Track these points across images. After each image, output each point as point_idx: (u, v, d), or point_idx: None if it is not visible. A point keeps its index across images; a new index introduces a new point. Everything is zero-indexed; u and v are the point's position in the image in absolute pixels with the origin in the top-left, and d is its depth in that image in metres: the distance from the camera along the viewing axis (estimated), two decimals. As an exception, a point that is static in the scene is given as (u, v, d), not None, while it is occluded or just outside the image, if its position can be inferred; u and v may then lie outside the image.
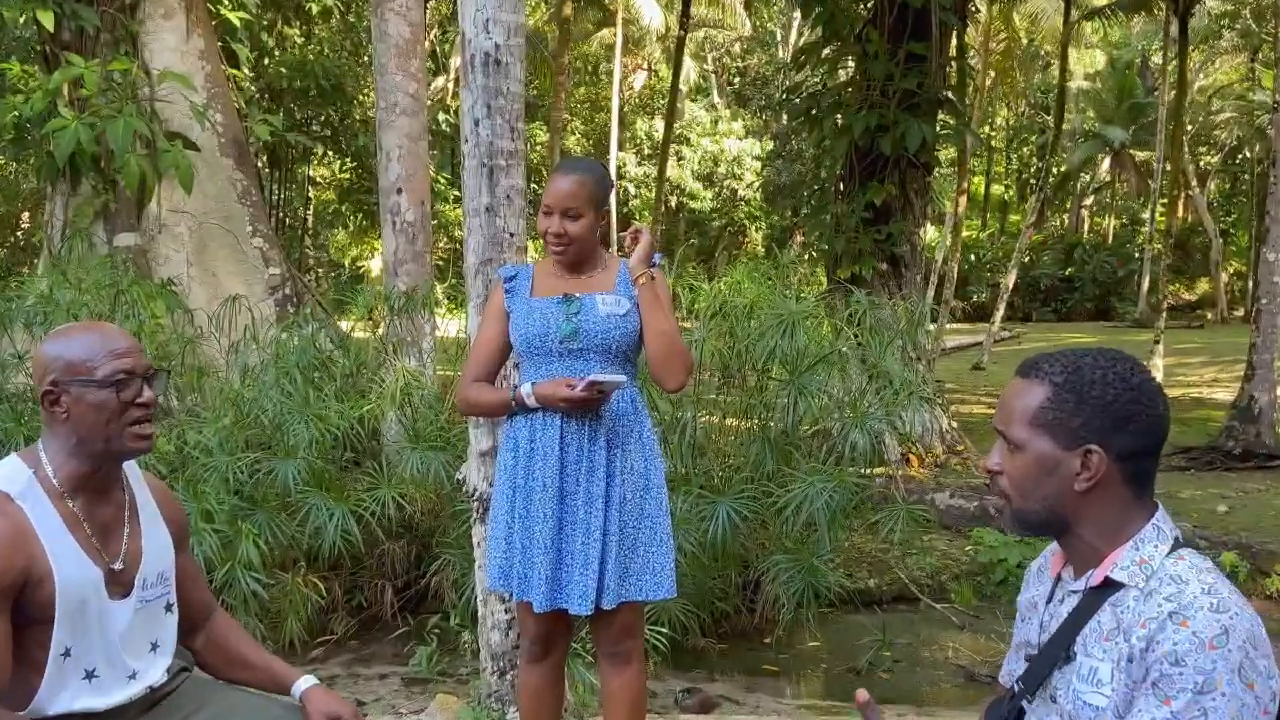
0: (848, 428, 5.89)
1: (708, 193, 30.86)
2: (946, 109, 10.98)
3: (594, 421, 2.90)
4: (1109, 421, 1.56)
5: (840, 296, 9.11)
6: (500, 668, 3.78)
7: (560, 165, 2.98)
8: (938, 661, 6.14)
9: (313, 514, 5.46)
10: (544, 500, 2.89)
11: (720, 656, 5.91)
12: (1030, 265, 31.88)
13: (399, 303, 7.32)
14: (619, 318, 2.90)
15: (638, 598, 2.93)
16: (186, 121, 8.68)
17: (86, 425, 2.08)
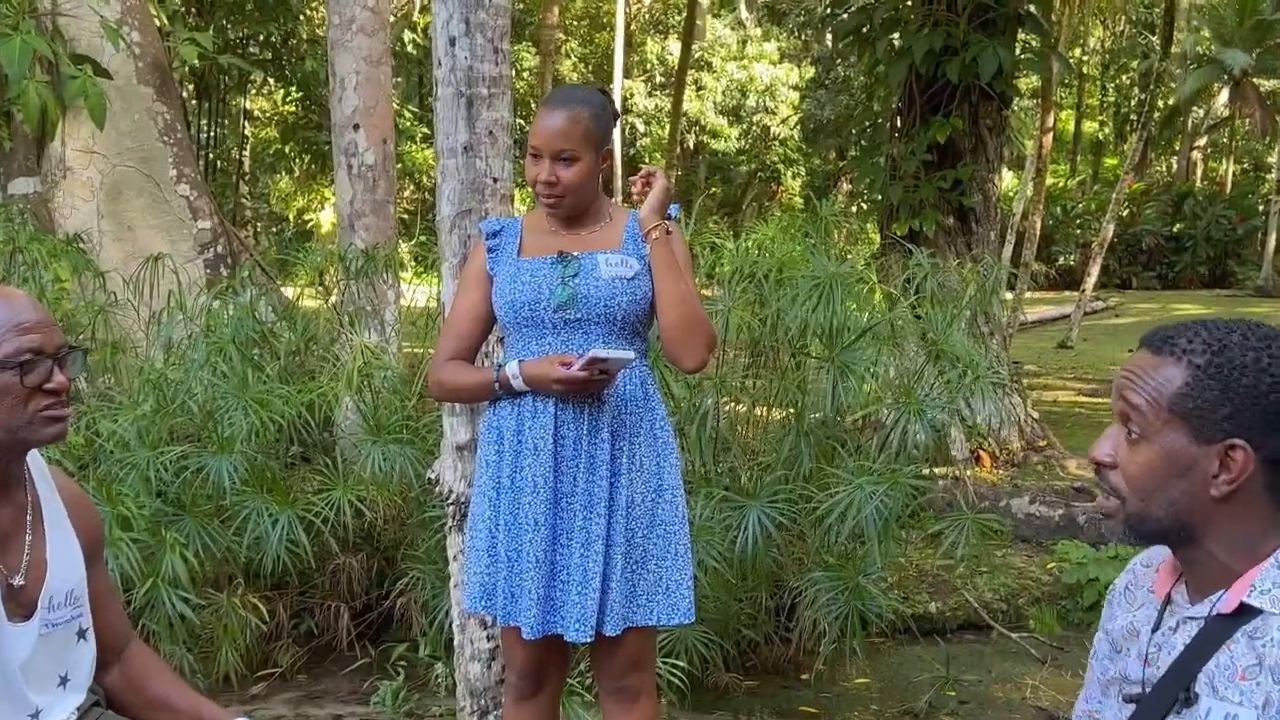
0: (903, 418, 5.89)
1: (734, 130, 30.71)
2: (1028, 27, 10.90)
3: (595, 408, 2.91)
4: (1261, 416, 1.52)
5: (897, 257, 9.12)
6: (481, 707, 3.80)
7: (550, 97, 2.99)
8: (1013, 703, 6.13)
9: (252, 520, 5.46)
10: (534, 504, 2.91)
11: (748, 695, 5.93)
12: (1130, 220, 31.73)
13: (357, 264, 7.33)
14: (626, 281, 2.91)
15: (648, 622, 2.95)
16: (97, 42, 8.66)
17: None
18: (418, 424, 6.06)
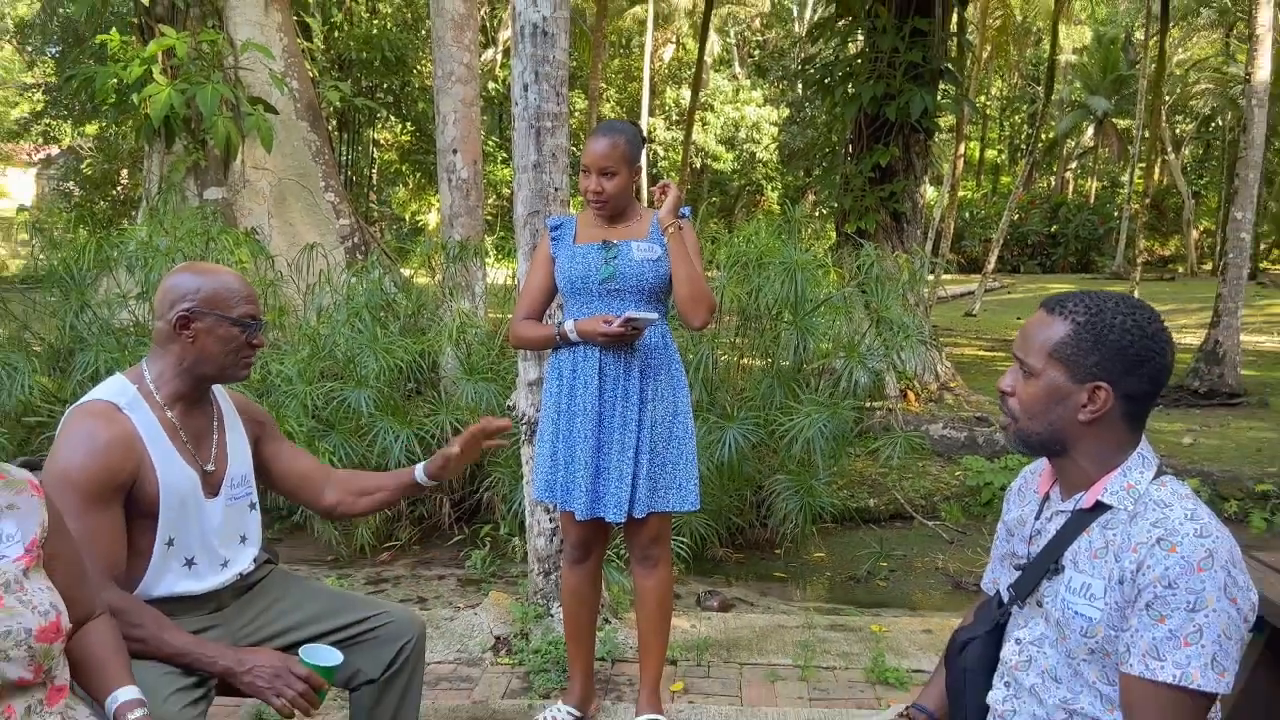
0: (850, 366, 5.91)
1: (729, 155, 30.60)
2: (946, 79, 10.79)
3: (629, 353, 2.92)
4: (1121, 364, 1.55)
5: (849, 249, 9.13)
6: (545, 569, 3.85)
7: (597, 129, 2.97)
8: (928, 571, 6.19)
9: (381, 436, 5.52)
10: (584, 423, 2.93)
11: (736, 565, 5.99)
12: (1019, 223, 31.49)
13: (454, 251, 7.34)
14: (652, 262, 2.92)
15: (665, 508, 2.97)
16: (266, 88, 8.69)
17: (208, 352, 2.15)
18: (498, 367, 6.08)
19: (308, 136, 9.01)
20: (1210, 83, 31.19)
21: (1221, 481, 7.41)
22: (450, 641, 3.78)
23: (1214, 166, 34.02)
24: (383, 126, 18.75)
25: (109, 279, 6.69)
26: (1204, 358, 11.35)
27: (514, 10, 3.86)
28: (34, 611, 1.60)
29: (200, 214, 7.68)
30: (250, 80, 8.67)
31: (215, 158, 8.54)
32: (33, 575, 1.66)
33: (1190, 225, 31.93)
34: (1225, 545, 1.48)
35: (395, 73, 15.60)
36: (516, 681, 3.50)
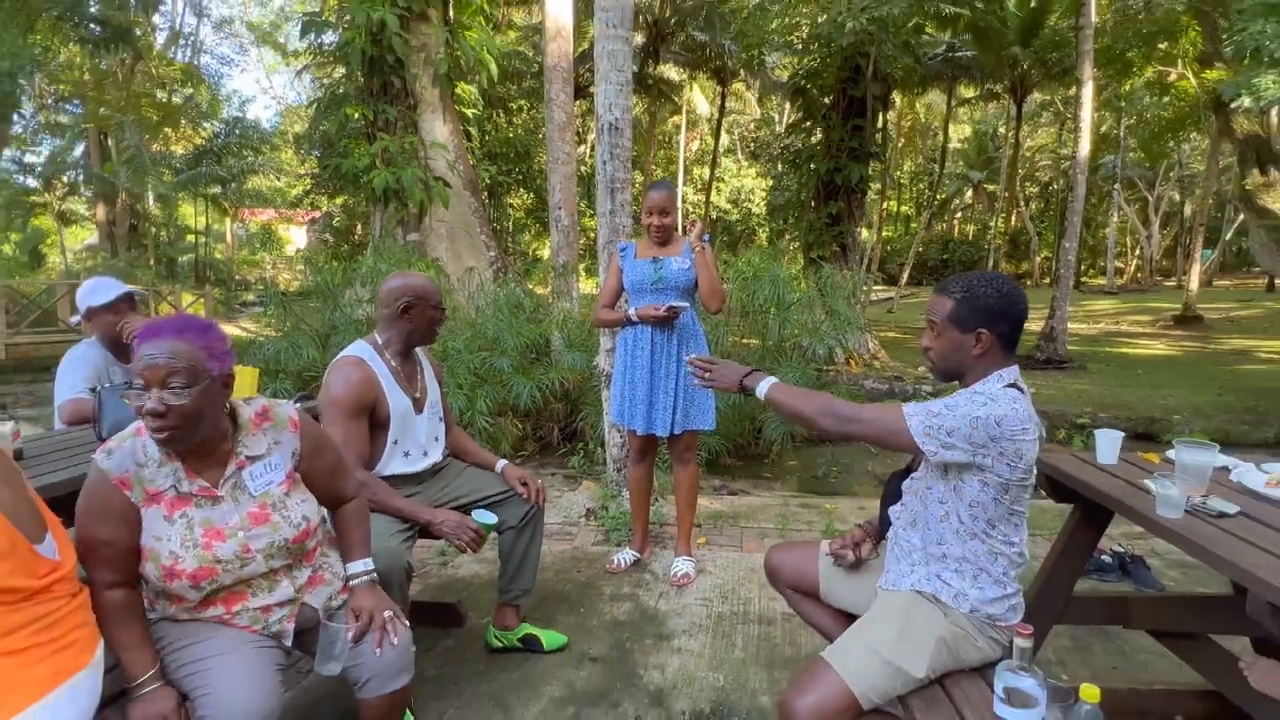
0: (813, 343, 5.80)
1: (734, 209, 30.27)
2: (875, 159, 10.55)
3: (670, 328, 2.88)
4: (990, 316, 1.51)
5: (812, 269, 8.97)
6: (617, 467, 3.85)
7: (654, 184, 2.92)
8: (862, 472, 6.08)
9: (515, 386, 5.56)
10: (641, 373, 2.90)
11: (738, 469, 5.91)
12: (922, 253, 30.71)
13: (559, 271, 7.34)
14: (685, 270, 2.86)
15: (693, 427, 2.94)
16: (445, 170, 8.73)
17: (419, 326, 2.21)
18: (586, 343, 6.07)
19: (469, 201, 9.05)
20: (1048, 160, 30.39)
21: (1054, 417, 7.18)
22: (559, 511, 3.79)
23: (1050, 214, 32.81)
24: (514, 195, 18.82)
25: (350, 291, 6.80)
26: (1043, 338, 11.05)
27: (598, 115, 3.81)
28: (290, 524, 1.54)
29: (404, 250, 7.78)
30: (434, 165, 8.73)
31: (413, 214, 8.63)
32: (292, 494, 1.57)
33: (1035, 253, 31.04)
34: (999, 410, 1.45)
35: (522, 160, 15.65)
36: (600, 536, 3.50)
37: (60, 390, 2.57)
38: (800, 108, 11.08)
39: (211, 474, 1.49)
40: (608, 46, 3.76)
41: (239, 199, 22.67)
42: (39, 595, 1.28)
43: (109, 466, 1.42)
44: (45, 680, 1.28)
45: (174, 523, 1.44)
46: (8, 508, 1.24)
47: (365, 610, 1.61)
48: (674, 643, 2.52)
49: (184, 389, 1.37)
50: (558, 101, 7.91)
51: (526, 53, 16.31)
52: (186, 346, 1.39)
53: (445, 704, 2.17)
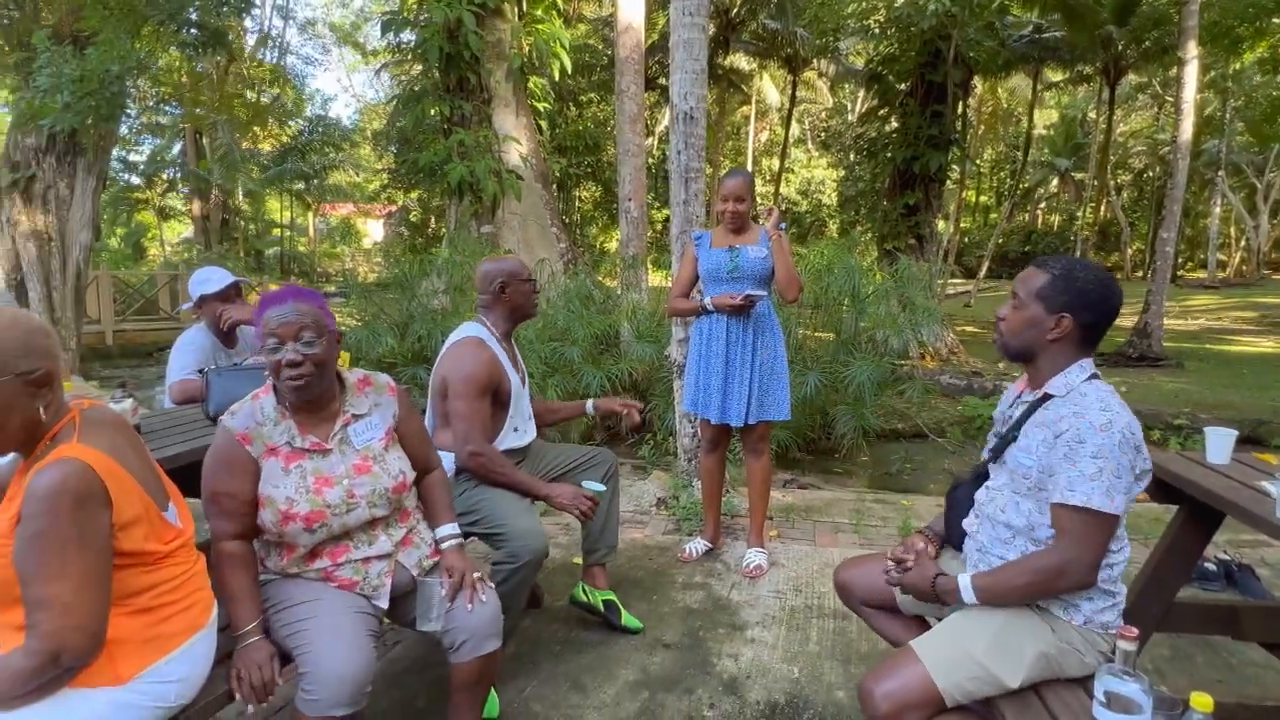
0: (889, 335, 5.66)
1: (804, 201, 29.75)
2: (954, 147, 10.17)
3: (746, 318, 2.87)
4: (1080, 302, 1.45)
5: (887, 261, 8.76)
6: (688, 458, 3.84)
7: (730, 172, 2.91)
8: (937, 470, 5.89)
9: (584, 376, 5.61)
10: (716, 362, 2.89)
11: (808, 463, 5.83)
12: (1002, 245, 29.43)
13: (629, 263, 7.36)
14: (761, 259, 2.84)
15: (767, 418, 2.92)
16: (518, 163, 8.88)
17: (518, 302, 2.33)
18: (656, 334, 6.08)
19: (541, 193, 9.16)
20: (1143, 146, 28.58)
21: (1148, 417, 6.77)
22: (630, 499, 3.82)
23: (1144, 204, 30.92)
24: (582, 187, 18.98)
25: (427, 281, 6.99)
26: (1136, 333, 10.44)
27: (672, 103, 3.81)
28: (389, 475, 1.67)
29: (478, 242, 7.93)
30: (507, 158, 8.87)
31: (487, 207, 8.76)
32: (390, 449, 1.71)
33: (1126, 244, 29.29)
34: (1124, 419, 1.38)
35: (591, 152, 15.76)
36: (671, 525, 3.52)
37: (171, 371, 2.75)
38: (876, 95, 10.76)
39: (321, 430, 1.65)
40: (683, 35, 3.74)
41: (321, 194, 23.63)
42: (166, 559, 1.39)
43: (233, 425, 1.59)
44: (173, 637, 1.39)
45: (289, 473, 1.59)
46: (139, 474, 1.35)
47: (457, 570, 1.72)
48: (747, 633, 2.52)
49: (315, 340, 1.57)
50: (629, 93, 7.93)
51: (596, 45, 16.41)
52: (309, 306, 1.60)
53: (524, 682, 2.24)
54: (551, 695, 2.17)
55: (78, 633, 1.22)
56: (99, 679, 1.30)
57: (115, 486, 1.26)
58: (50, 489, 1.19)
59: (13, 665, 1.20)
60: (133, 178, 21.00)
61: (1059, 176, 30.38)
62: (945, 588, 1.52)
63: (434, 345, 5.70)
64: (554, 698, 2.16)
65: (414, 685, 2.22)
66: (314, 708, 1.44)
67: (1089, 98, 26.77)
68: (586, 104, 16.40)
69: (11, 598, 1.23)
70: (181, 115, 18.28)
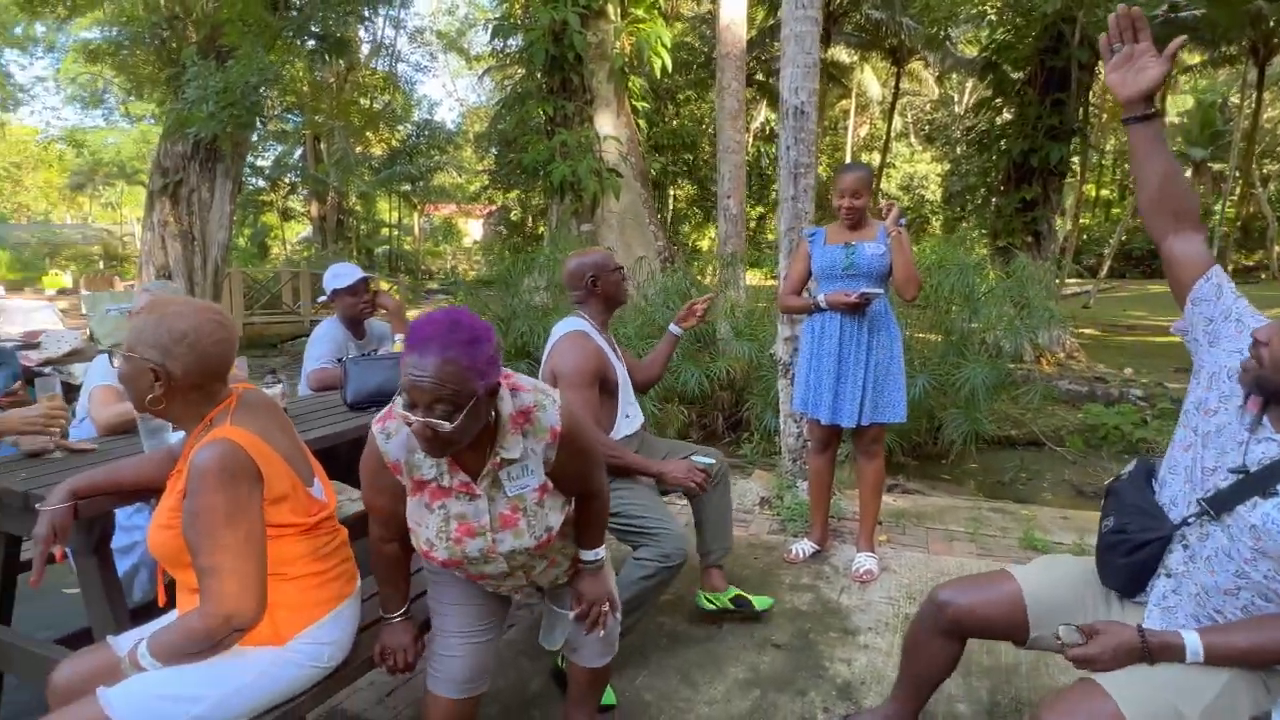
0: (1006, 337, 5.38)
1: (906, 197, 28.69)
2: (1076, 137, 9.52)
3: (861, 317, 2.79)
4: None
5: (1001, 258, 8.33)
6: (793, 458, 3.79)
7: (846, 166, 2.84)
8: (1057, 481, 5.55)
9: (682, 373, 5.61)
10: (829, 361, 2.83)
11: (913, 468, 5.64)
12: (1126, 242, 27.33)
13: (727, 260, 7.32)
14: (879, 256, 2.76)
15: (882, 420, 2.84)
16: (618, 162, 8.98)
17: (609, 292, 2.35)
18: (756, 332, 6.02)
19: (639, 192, 9.23)
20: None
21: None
22: (733, 497, 3.79)
23: (1297, 197, 28.00)
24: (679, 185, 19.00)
25: (528, 279, 7.18)
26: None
27: (781, 97, 3.76)
28: (532, 533, 1.48)
29: (578, 240, 8.08)
30: (608, 158, 8.99)
31: (587, 206, 8.90)
32: (545, 501, 1.48)
33: (1273, 241, 26.55)
34: None
35: (688, 150, 15.77)
36: (775, 525, 3.48)
37: (308, 360, 2.96)
38: (989, 84, 10.22)
39: (472, 469, 1.44)
40: (795, 29, 3.69)
41: (426, 195, 24.73)
42: (312, 530, 1.50)
43: (387, 449, 1.44)
44: (324, 603, 1.50)
45: (433, 512, 1.46)
46: (285, 452, 1.45)
47: (589, 597, 1.64)
48: (860, 639, 2.46)
49: (449, 414, 1.26)
50: (729, 90, 7.89)
51: (693, 43, 16.39)
52: (453, 369, 1.25)
53: (635, 672, 2.27)
54: (662, 687, 2.19)
55: (243, 597, 1.33)
56: (263, 639, 1.41)
57: (264, 464, 1.37)
58: (206, 466, 1.30)
59: (191, 626, 1.32)
60: (259, 181, 22.64)
61: (1194, 167, 27.94)
62: (1162, 643, 1.26)
63: (536, 341, 5.84)
64: (665, 689, 2.18)
65: (528, 669, 2.29)
66: (437, 686, 1.57)
67: (1231, 80, 24.50)
68: (684, 102, 16.42)
69: (187, 561, 1.36)
70: (303, 122, 19.55)
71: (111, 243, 27.78)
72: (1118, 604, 1.47)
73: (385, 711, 2.11)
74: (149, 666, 1.35)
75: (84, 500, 1.53)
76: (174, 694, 1.33)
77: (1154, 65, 1.36)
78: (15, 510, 1.67)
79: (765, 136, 19.72)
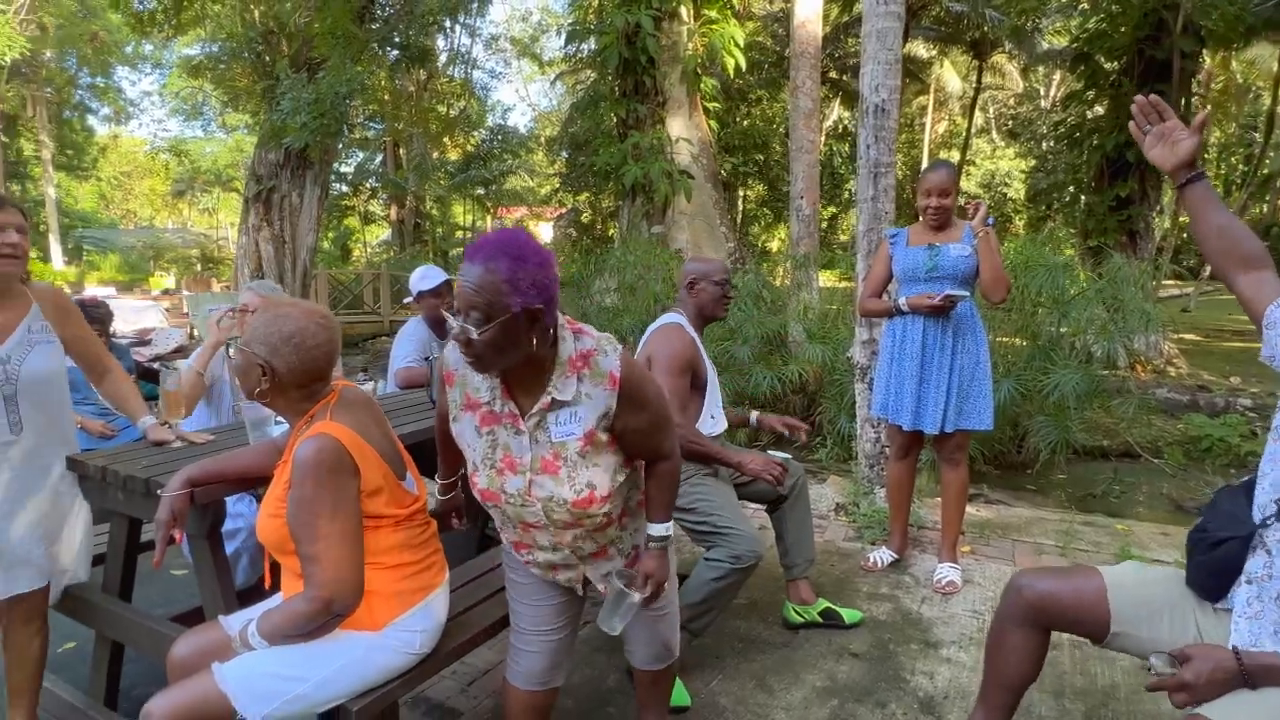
0: (1093, 342, 5.11)
1: (986, 195, 27.63)
2: (1178, 129, 8.97)
3: (944, 320, 2.71)
4: None
5: (1092, 259, 7.93)
6: (870, 463, 3.69)
7: (932, 165, 2.76)
8: (1154, 495, 5.22)
9: (754, 376, 5.58)
10: (910, 366, 2.76)
11: (996, 478, 5.42)
12: (1231, 241, 25.48)
13: (799, 263, 7.21)
14: (965, 257, 2.67)
15: (967, 427, 2.75)
16: (689, 163, 8.98)
17: (704, 299, 2.36)
18: (830, 335, 5.93)
19: (710, 193, 9.21)
20: None
21: None
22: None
23: None
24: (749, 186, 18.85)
25: (599, 280, 7.28)
26: None
27: (862, 96, 3.68)
28: (572, 487, 1.38)
29: (649, 242, 8.12)
30: (679, 159, 9.00)
31: (658, 207, 8.95)
32: (588, 455, 1.38)
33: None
34: None
35: (759, 151, 15.64)
36: (851, 532, 3.41)
37: (395, 359, 3.08)
38: (1081, 77, 9.73)
39: (524, 402, 1.39)
40: (877, 25, 3.60)
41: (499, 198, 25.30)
42: (405, 522, 1.56)
43: (447, 356, 1.50)
44: (415, 592, 1.56)
45: (482, 436, 1.43)
46: (380, 447, 1.52)
47: (653, 578, 1.52)
48: (942, 652, 2.38)
49: (481, 323, 1.26)
50: (804, 89, 7.77)
51: (765, 42, 16.23)
52: (491, 280, 1.25)
53: (710, 675, 2.26)
54: (738, 691, 2.18)
55: (343, 584, 1.40)
56: (361, 624, 1.48)
57: (361, 458, 1.43)
58: (306, 460, 1.37)
59: (296, 609, 1.40)
60: (342, 187, 23.67)
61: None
62: (1261, 666, 1.18)
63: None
64: (740, 694, 2.17)
65: (603, 664, 2.32)
66: (514, 678, 1.62)
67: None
68: (755, 101, 16.28)
69: (292, 548, 1.44)
70: (383, 130, 20.33)
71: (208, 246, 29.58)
72: (1211, 613, 1.41)
73: (466, 700, 2.18)
74: (258, 646, 1.44)
75: (199, 488, 1.64)
76: (281, 673, 1.41)
77: (1187, 137, 1.47)
78: (138, 495, 1.80)
79: (838, 135, 19.34)
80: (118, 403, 2.09)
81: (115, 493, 1.85)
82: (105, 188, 35.14)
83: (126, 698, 2.08)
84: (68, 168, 28.06)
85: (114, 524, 1.97)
